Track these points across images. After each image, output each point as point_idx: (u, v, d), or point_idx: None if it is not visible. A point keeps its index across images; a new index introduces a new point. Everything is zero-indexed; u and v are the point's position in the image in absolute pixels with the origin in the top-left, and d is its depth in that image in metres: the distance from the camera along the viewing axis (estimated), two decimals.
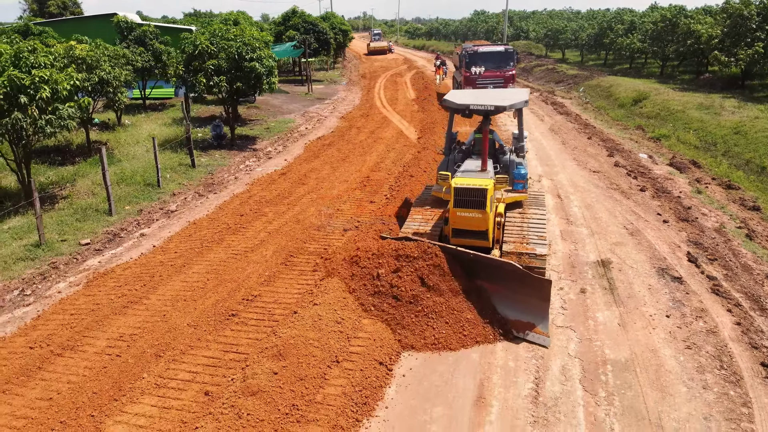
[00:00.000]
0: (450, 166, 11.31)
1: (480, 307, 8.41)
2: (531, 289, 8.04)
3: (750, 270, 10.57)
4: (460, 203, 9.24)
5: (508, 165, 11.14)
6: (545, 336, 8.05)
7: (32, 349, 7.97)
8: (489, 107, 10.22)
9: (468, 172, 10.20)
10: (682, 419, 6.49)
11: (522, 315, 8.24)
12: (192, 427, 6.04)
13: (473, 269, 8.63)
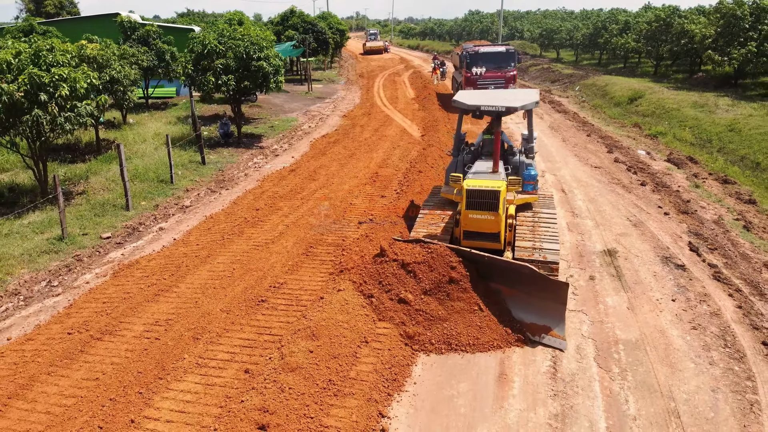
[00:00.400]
0: (459, 167, 11.25)
1: (495, 311, 8.27)
2: (547, 292, 7.94)
3: (748, 258, 11.09)
4: (472, 205, 9.22)
5: (517, 166, 11.09)
6: (561, 339, 7.96)
7: (70, 335, 8.37)
8: (500, 108, 10.19)
9: (479, 174, 10.14)
10: (692, 391, 6.98)
11: (538, 318, 8.12)
12: (237, 400, 6.47)
13: (488, 272, 8.52)
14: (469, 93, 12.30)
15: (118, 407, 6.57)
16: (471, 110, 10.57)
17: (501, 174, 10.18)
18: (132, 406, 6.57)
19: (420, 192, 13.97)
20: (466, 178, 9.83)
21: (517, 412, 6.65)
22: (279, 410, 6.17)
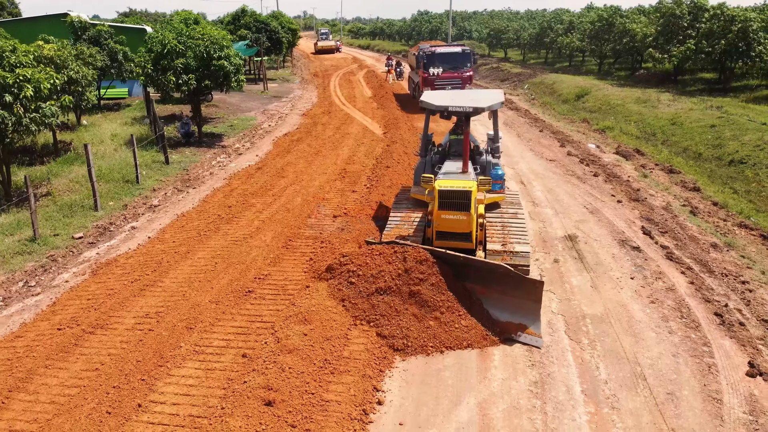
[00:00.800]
0: (428, 168, 11.31)
1: (472, 311, 8.32)
2: (522, 291, 8.04)
3: (696, 240, 12.06)
4: (444, 205, 9.27)
5: (485, 166, 11.19)
6: (538, 337, 8.04)
7: (61, 330, 8.49)
8: (468, 109, 10.33)
9: (450, 174, 10.14)
10: (655, 357, 7.71)
11: (513, 317, 8.19)
12: (240, 381, 6.80)
13: (463, 272, 8.59)
14: (436, 94, 12.40)
15: (123, 394, 6.81)
16: (439, 111, 10.71)
17: (471, 174, 10.25)
18: (137, 392, 6.82)
19: (390, 186, 14.47)
20: (437, 178, 9.88)
21: (500, 381, 7.22)
22: (282, 388, 6.55)
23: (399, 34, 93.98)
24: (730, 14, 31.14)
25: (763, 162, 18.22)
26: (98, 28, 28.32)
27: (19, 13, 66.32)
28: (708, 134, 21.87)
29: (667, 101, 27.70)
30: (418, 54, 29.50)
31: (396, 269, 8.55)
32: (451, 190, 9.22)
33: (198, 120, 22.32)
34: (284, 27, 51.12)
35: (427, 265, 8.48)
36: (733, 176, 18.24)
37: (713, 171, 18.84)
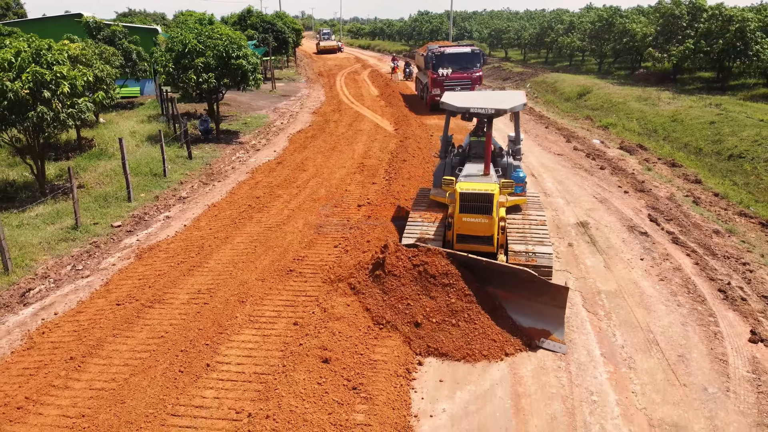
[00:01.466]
0: (448, 170, 11.21)
1: (495, 316, 8.21)
2: (546, 296, 7.95)
3: (700, 227, 12.86)
4: (465, 208, 9.19)
5: (505, 168, 11.08)
6: (561, 343, 7.94)
7: (120, 305, 9.26)
8: (490, 111, 10.14)
9: (471, 177, 10.03)
10: (665, 326, 8.51)
11: (537, 322, 8.09)
12: (296, 344, 7.57)
13: (485, 276, 8.47)
14: (457, 95, 12.12)
15: (191, 356, 7.58)
16: (460, 112, 10.61)
17: (493, 177, 10.15)
18: (203, 355, 7.60)
19: (409, 178, 15.25)
20: (459, 180, 9.80)
21: (526, 347, 8.00)
22: (335, 348, 7.33)
23: (399, 34, 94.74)
24: (728, 14, 31.89)
25: (761, 156, 18.99)
26: (113, 29, 29.07)
27: (24, 14, 67.16)
28: (707, 130, 22.65)
29: (667, 99, 28.46)
30: (426, 54, 29.14)
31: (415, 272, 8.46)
32: (474, 192, 9.13)
33: (216, 117, 23.08)
34: (288, 27, 51.94)
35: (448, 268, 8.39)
36: (732, 170, 19.03)
37: (713, 165, 19.63)
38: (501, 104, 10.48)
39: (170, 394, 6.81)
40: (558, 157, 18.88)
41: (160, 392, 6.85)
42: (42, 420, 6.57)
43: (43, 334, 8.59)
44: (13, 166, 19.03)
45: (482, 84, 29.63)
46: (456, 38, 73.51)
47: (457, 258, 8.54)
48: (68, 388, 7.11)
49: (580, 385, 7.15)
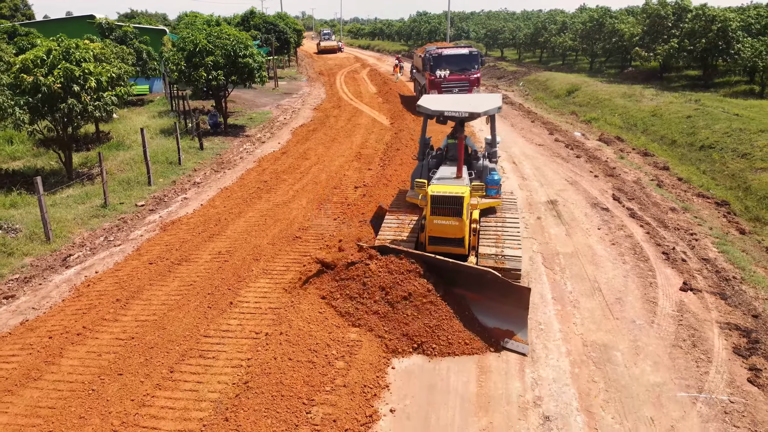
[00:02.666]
0: (425, 172, 11.27)
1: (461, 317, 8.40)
2: (510, 298, 8.13)
3: (658, 205, 14.53)
4: (436, 211, 9.28)
5: (481, 171, 11.17)
6: (524, 344, 8.12)
7: (152, 264, 10.94)
8: (464, 114, 10.30)
9: (444, 180, 10.17)
10: (610, 278, 10.20)
11: (501, 323, 8.27)
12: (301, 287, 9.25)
13: (452, 277, 8.67)
14: (433, 98, 12.33)
15: (217, 297, 9.28)
16: (434, 115, 10.70)
17: (465, 179, 10.26)
18: (226, 296, 9.29)
19: (401, 164, 16.92)
20: (431, 183, 9.93)
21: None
22: (333, 292, 9.00)
23: (398, 34, 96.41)
24: (711, 14, 33.43)
25: (729, 146, 20.62)
26: (124, 29, 30.78)
27: (32, 15, 68.94)
28: (684, 124, 24.28)
29: (651, 96, 30.08)
30: (424, 56, 29.13)
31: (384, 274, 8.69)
32: (444, 195, 9.20)
33: (224, 112, 24.77)
34: (290, 27, 53.65)
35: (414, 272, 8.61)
36: (701, 159, 20.67)
37: (684, 155, 21.28)
38: (475, 108, 10.60)
39: (202, 323, 8.51)
40: (539, 147, 20.56)
41: (193, 321, 8.55)
42: (99, 342, 8.25)
43: (89, 286, 10.27)
44: (37, 156, 20.72)
45: (480, 85, 29.68)
46: (453, 38, 75.14)
47: (425, 260, 8.72)
48: (117, 321, 8.80)
49: (531, 318, 8.82)
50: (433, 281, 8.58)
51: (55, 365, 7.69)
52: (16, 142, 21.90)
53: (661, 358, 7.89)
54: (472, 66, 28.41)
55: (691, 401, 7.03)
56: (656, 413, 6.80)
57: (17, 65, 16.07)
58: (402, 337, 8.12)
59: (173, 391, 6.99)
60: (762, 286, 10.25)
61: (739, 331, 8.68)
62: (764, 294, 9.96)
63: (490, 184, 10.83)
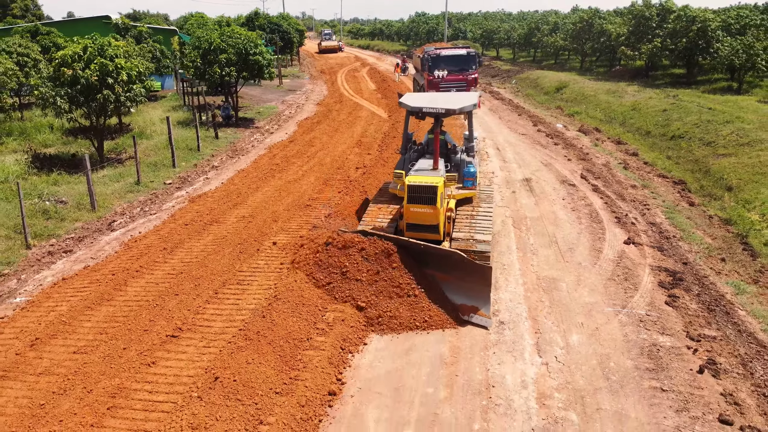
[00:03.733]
0: (405, 164, 12.02)
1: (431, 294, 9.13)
2: (475, 276, 8.85)
3: (620, 183, 16.69)
4: (413, 199, 9.99)
5: (458, 164, 11.88)
6: (487, 318, 8.89)
7: (187, 226, 13.11)
8: (440, 110, 11.13)
9: (421, 171, 10.85)
10: (566, 234, 12.38)
11: (467, 299, 9.03)
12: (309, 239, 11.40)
13: (425, 259, 9.39)
14: (414, 95, 13.15)
15: (246, 246, 11.49)
16: (414, 112, 11.72)
17: (441, 171, 10.90)
18: (253, 246, 11.50)
19: (397, 150, 19.02)
20: (409, 174, 10.65)
21: None
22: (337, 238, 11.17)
23: (398, 34, 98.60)
24: (692, 15, 35.51)
25: (696, 136, 22.78)
26: (139, 29, 32.95)
27: (41, 15, 71.11)
28: (659, 117, 26.44)
29: (633, 92, 32.18)
30: (423, 56, 29.89)
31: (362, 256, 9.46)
32: (419, 185, 9.93)
33: (235, 106, 26.95)
34: (293, 27, 55.84)
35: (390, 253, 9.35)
36: (671, 147, 22.82)
37: (655, 143, 23.43)
38: (451, 105, 11.47)
39: (236, 262, 10.71)
40: (522, 136, 22.76)
41: (228, 262, 10.74)
42: (155, 276, 10.43)
43: (136, 241, 12.44)
44: (66, 144, 22.86)
45: (478, 85, 30.46)
46: (451, 38, 77.28)
47: (398, 242, 9.51)
48: (167, 263, 10.98)
49: (497, 261, 10.99)
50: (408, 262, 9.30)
51: (122, 291, 9.87)
52: (46, 132, 24.04)
53: (597, 287, 10.07)
54: (470, 66, 29.06)
55: (615, 313, 9.21)
56: (586, 320, 8.99)
57: (57, 60, 18.21)
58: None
59: (219, 304, 9.17)
60: (697, 243, 12.41)
61: (667, 272, 10.86)
62: (697, 249, 12.13)
63: (466, 176, 11.51)
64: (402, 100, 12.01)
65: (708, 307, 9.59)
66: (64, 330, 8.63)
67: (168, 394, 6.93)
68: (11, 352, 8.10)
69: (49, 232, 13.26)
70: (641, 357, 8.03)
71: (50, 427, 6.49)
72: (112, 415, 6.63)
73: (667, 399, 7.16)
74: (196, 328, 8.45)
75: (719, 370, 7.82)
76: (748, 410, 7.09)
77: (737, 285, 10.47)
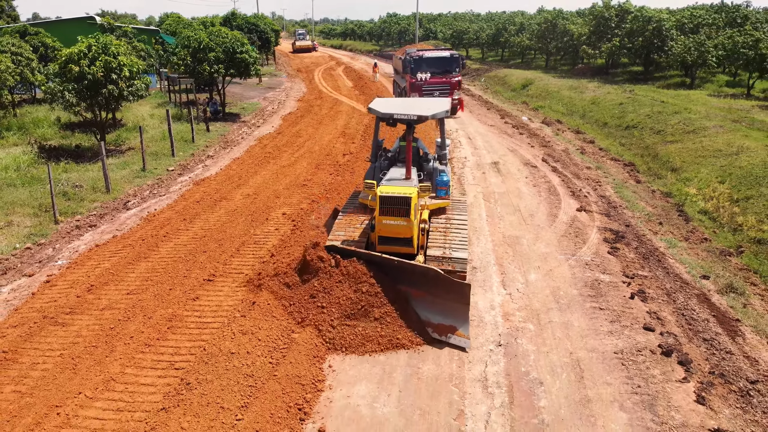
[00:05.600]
0: (376, 173, 11.52)
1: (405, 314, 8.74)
2: (452, 294, 8.41)
3: (577, 165, 18.93)
4: (385, 211, 9.41)
5: (431, 172, 11.42)
6: (466, 339, 8.48)
7: (198, 203, 14.86)
8: (412, 117, 10.47)
9: (393, 181, 10.33)
10: (528, 204, 14.52)
11: (445, 319, 8.58)
12: (310, 210, 13.28)
13: (398, 276, 8.93)
14: (384, 101, 12.53)
15: (255, 216, 13.33)
16: (385, 118, 10.91)
17: (413, 181, 10.42)
18: (262, 216, 13.37)
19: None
20: (380, 184, 10.10)
21: None
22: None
23: (369, 34, 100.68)
24: (648, 15, 38.09)
25: (647, 125, 25.20)
26: (124, 29, 34.28)
27: (17, 16, 71.18)
28: (616, 109, 28.87)
29: (593, 88, 34.63)
30: (404, 58, 29.05)
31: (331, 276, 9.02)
32: (392, 196, 9.36)
33: (222, 101, 28.60)
34: (269, 27, 57.37)
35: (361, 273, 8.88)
36: (624, 136, 25.22)
37: (611, 133, 25.83)
38: (423, 111, 10.81)
39: (250, 228, 12.60)
40: (491, 127, 24.96)
41: (243, 227, 12.62)
42: (181, 240, 12.22)
43: (155, 216, 14.15)
44: (64, 137, 24.23)
45: (461, 88, 29.80)
46: (422, 39, 79.52)
47: (371, 259, 9.05)
48: (188, 231, 12.78)
49: (471, 225, 13.03)
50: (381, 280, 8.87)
51: (155, 251, 11.64)
52: (44, 126, 25.36)
53: (552, 241, 12.20)
54: (453, 69, 28.34)
55: (566, 259, 11.34)
56: (542, 264, 11.09)
57: (63, 57, 19.70)
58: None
59: (242, 258, 11.05)
60: (639, 211, 14.64)
61: (611, 232, 13.04)
62: (639, 215, 14.35)
63: (439, 185, 11.12)
64: (371, 106, 11.39)
65: (643, 256, 11.78)
66: (114, 279, 10.39)
67: (215, 317, 8.79)
68: (71, 296, 9.83)
69: (72, 210, 14.87)
70: (585, 288, 10.16)
71: (123, 340, 8.28)
72: (173, 333, 8.45)
73: (604, 314, 9.28)
74: (227, 275, 10.30)
75: (647, 297, 9.98)
76: (668, 323, 9.22)
77: (670, 241, 12.69)
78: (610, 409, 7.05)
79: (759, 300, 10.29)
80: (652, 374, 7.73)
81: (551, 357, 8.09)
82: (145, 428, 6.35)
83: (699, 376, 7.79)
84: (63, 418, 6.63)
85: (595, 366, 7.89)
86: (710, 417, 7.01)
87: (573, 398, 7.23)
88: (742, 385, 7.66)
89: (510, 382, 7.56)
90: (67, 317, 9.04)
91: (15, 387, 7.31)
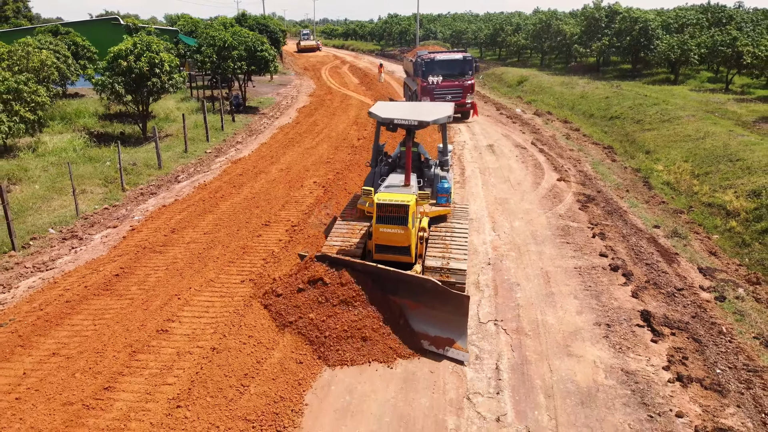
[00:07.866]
0: (375, 179, 11.32)
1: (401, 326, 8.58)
2: (450, 306, 8.21)
3: (561, 147, 21.81)
4: (382, 219, 9.21)
5: (432, 179, 11.20)
6: (464, 352, 8.28)
7: (241, 175, 17.71)
8: (413, 122, 10.18)
9: (391, 187, 10.15)
10: (517, 176, 17.40)
11: (442, 331, 8.38)
12: (334, 181, 16.13)
13: (395, 287, 8.68)
14: (384, 105, 12.35)
15: (292, 184, 16.21)
16: (385, 123, 10.66)
17: (413, 187, 10.17)
18: (297, 183, 16.26)
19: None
20: (379, 191, 9.91)
21: None
22: (350, 182, 15.92)
23: (371, 34, 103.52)
24: (635, 16, 40.83)
25: (629, 116, 28.02)
26: (148, 29, 37.13)
27: (32, 16, 74.04)
28: (602, 102, 31.71)
29: (584, 83, 37.42)
30: (415, 61, 28.33)
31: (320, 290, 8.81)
32: (389, 203, 9.14)
33: (243, 95, 31.46)
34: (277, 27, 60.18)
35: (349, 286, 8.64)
36: (608, 125, 28.07)
37: (596, 122, 28.68)
38: (425, 116, 10.53)
39: (289, 192, 15.54)
40: (487, 117, 27.88)
41: (284, 191, 15.57)
42: (235, 200, 15.09)
43: (206, 185, 16.98)
44: (104, 127, 27.07)
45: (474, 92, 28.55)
46: (422, 39, 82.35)
47: (366, 269, 8.77)
48: (239, 194, 15.67)
49: (468, 190, 15.88)
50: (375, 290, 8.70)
51: (217, 207, 14.53)
52: (85, 116, 28.19)
53: (534, 201, 15.11)
54: (466, 72, 27.49)
55: (544, 212, 14.25)
56: (524, 216, 14.00)
57: (112, 54, 22.54)
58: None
59: (288, 211, 13.97)
60: (611, 182, 17.51)
61: (584, 195, 15.91)
62: (610, 184, 17.21)
63: (440, 192, 10.86)
64: (372, 110, 11.12)
65: (608, 212, 14.67)
66: (189, 225, 13.27)
67: (276, 245, 11.69)
68: (159, 235, 12.69)
69: (134, 182, 17.73)
70: (557, 230, 13.08)
71: (211, 260, 11.15)
72: (246, 255, 11.36)
73: (569, 246, 12.19)
74: (279, 221, 13.21)
75: (606, 237, 12.87)
76: (620, 253, 12.10)
77: (632, 202, 15.58)
78: (567, 298, 9.95)
79: (698, 243, 13.16)
80: (601, 280, 10.64)
81: (527, 270, 11.00)
82: (245, 304, 9.21)
83: (637, 283, 10.68)
84: (182, 301, 9.50)
85: (559, 275, 10.79)
86: (640, 305, 9.89)
87: (540, 293, 10.14)
88: (670, 290, 10.54)
89: (495, 284, 10.47)
90: (162, 248, 11.93)
91: (139, 287, 10.18)
